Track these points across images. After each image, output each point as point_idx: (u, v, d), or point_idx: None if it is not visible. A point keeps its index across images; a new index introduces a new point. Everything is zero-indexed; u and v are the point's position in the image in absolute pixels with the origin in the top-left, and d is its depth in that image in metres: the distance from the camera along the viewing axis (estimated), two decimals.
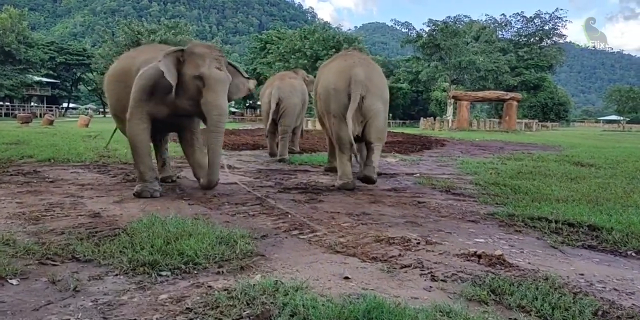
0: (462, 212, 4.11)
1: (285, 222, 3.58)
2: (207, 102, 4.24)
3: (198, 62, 4.22)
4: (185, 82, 4.25)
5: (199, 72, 4.19)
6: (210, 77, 4.20)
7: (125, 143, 9.22)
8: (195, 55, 4.26)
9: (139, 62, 4.56)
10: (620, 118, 66.41)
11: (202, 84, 4.21)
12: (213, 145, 4.34)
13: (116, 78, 4.81)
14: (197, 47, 4.44)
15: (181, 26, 36.62)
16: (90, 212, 3.76)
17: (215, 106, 4.25)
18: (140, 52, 5.01)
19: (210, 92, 4.22)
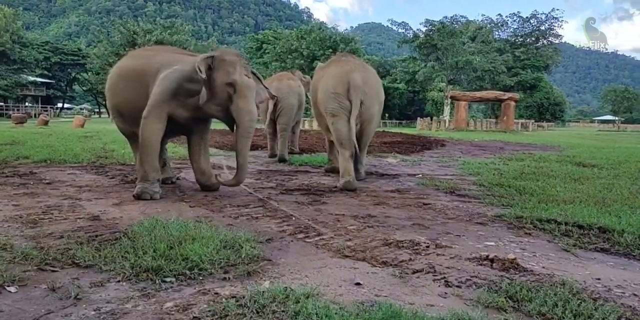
0: (469, 214, 4.04)
1: (290, 225, 3.50)
2: (238, 108, 4.32)
3: (229, 70, 4.28)
4: (215, 88, 4.30)
5: (231, 79, 4.26)
6: (242, 84, 4.30)
7: (122, 143, 9.13)
8: (227, 63, 4.32)
9: (158, 63, 4.51)
10: (615, 118, 66.77)
11: (233, 91, 4.29)
12: (242, 149, 4.44)
13: (128, 77, 4.65)
14: (227, 54, 4.46)
15: (177, 26, 36.41)
16: (89, 215, 3.66)
17: (247, 112, 4.35)
18: (156, 52, 4.87)
19: (242, 98, 4.31)
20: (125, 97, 4.71)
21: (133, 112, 4.64)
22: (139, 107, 4.50)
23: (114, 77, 4.82)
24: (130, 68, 4.70)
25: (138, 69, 4.62)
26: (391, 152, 8.97)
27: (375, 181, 5.80)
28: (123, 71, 4.74)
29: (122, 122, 4.92)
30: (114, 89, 4.80)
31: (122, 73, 4.75)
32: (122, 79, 4.73)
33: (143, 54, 4.90)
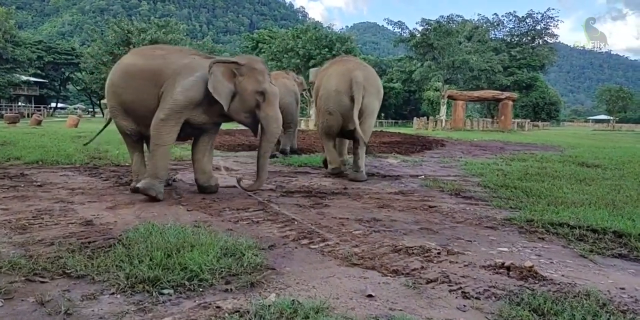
0: (477, 217, 3.90)
1: (293, 230, 3.34)
2: (267, 116, 4.43)
3: (259, 78, 4.36)
4: (244, 96, 4.35)
5: (262, 88, 4.35)
6: (272, 92, 4.44)
7: (116, 144, 8.93)
8: (257, 71, 4.39)
9: (177, 66, 4.37)
10: (610, 118, 67.05)
11: (262, 99, 4.38)
12: (266, 152, 4.60)
13: (140, 76, 4.43)
14: (256, 62, 4.53)
15: (172, 25, 36.10)
16: (81, 220, 3.49)
17: (275, 119, 4.49)
18: (168, 52, 4.64)
19: (271, 106, 4.44)
20: (136, 96, 4.49)
21: (142, 111, 4.49)
22: (149, 106, 4.39)
23: (120, 74, 4.57)
24: (143, 67, 4.46)
25: (153, 69, 4.41)
26: (391, 152, 8.83)
27: (378, 183, 5.65)
28: (133, 69, 4.50)
29: (125, 120, 4.67)
30: (121, 87, 4.55)
31: (131, 71, 4.50)
32: (131, 77, 4.48)
33: (155, 53, 4.63)
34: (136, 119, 4.64)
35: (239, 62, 4.40)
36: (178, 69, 4.36)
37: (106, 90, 4.75)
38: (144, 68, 4.45)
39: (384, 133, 14.25)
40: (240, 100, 4.38)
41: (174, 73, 4.35)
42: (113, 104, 4.70)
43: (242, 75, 4.36)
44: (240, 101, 4.39)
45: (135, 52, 4.85)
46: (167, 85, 4.33)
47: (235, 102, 4.39)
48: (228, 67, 4.34)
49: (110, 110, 4.82)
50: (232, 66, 4.36)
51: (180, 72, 4.33)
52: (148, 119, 4.50)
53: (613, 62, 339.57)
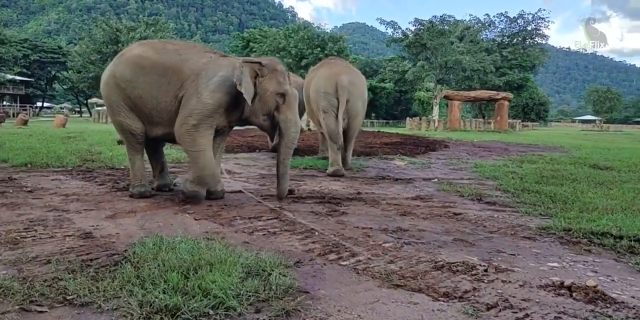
0: (509, 226, 3.62)
1: (316, 242, 3.03)
2: (287, 119, 4.19)
3: (280, 80, 4.13)
4: (264, 98, 4.11)
5: (283, 89, 4.11)
6: (292, 95, 4.20)
7: (109, 145, 8.54)
8: (278, 73, 4.16)
9: (197, 66, 4.08)
10: (596, 118, 67.80)
11: (282, 101, 4.14)
12: (285, 159, 4.32)
13: (154, 71, 4.10)
14: (277, 63, 4.27)
15: (161, 23, 35.54)
16: (79, 232, 3.15)
17: (295, 123, 4.24)
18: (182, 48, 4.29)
19: (291, 109, 4.20)
20: (146, 92, 4.14)
21: (151, 108, 4.18)
22: (160, 104, 4.13)
23: (128, 66, 4.17)
24: (157, 60, 4.13)
25: (168, 65, 4.10)
26: (396, 153, 8.55)
27: (391, 187, 5.36)
28: (145, 62, 4.14)
29: (129, 118, 4.30)
30: (127, 80, 4.16)
31: (142, 64, 4.14)
32: (142, 70, 4.13)
33: (166, 47, 4.28)
34: (142, 117, 4.30)
35: (262, 63, 4.17)
36: (197, 69, 4.07)
37: (106, 83, 4.33)
38: (158, 62, 4.12)
39: (382, 134, 13.98)
40: (260, 102, 4.13)
41: (192, 73, 4.06)
42: (115, 99, 4.28)
43: (264, 75, 4.14)
44: (260, 102, 4.13)
45: (144, 44, 4.47)
46: (188, 87, 4.05)
47: (255, 104, 4.13)
48: (252, 68, 4.12)
49: (109, 107, 4.39)
50: (255, 66, 4.14)
51: (200, 73, 4.05)
52: (156, 117, 4.24)
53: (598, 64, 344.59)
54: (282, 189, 4.40)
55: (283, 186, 4.39)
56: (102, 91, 4.48)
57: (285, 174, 4.36)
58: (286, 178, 4.39)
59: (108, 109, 4.48)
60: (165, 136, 4.41)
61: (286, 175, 4.38)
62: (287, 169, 4.38)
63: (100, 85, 4.50)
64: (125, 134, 4.46)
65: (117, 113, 4.34)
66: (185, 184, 4.17)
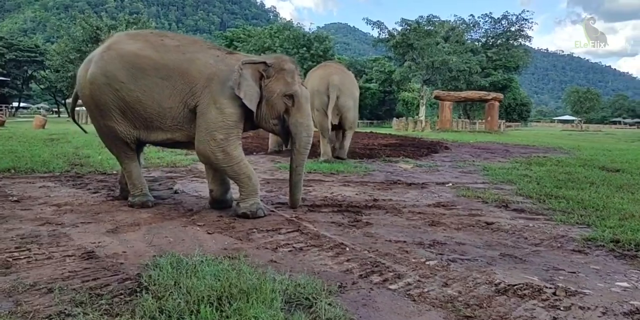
0: (550, 237, 3.35)
1: (351, 260, 2.70)
2: (297, 122, 3.82)
3: (288, 80, 3.77)
4: (270, 100, 3.76)
5: (291, 90, 3.75)
6: (302, 96, 3.84)
7: (97, 148, 8.05)
8: (286, 72, 3.78)
9: (202, 65, 3.70)
10: (574, 118, 68.99)
11: (291, 103, 3.78)
12: (298, 166, 3.95)
13: (155, 72, 3.67)
14: (285, 62, 3.85)
15: (143, 21, 34.70)
16: (80, 250, 2.76)
17: (306, 127, 3.87)
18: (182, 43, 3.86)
19: (301, 111, 3.83)
20: (145, 95, 3.70)
21: (149, 113, 3.76)
22: (165, 109, 3.72)
23: (123, 66, 3.68)
24: (159, 63, 3.68)
25: (172, 67, 3.68)
26: (398, 155, 8.26)
27: (406, 192, 5.05)
28: (144, 62, 3.68)
29: (121, 124, 3.84)
30: (121, 81, 3.69)
31: (141, 65, 3.68)
32: (142, 72, 3.68)
33: (165, 42, 3.80)
34: (137, 123, 3.86)
35: (266, 62, 3.78)
36: (207, 72, 3.68)
37: (91, 82, 3.76)
38: (160, 63, 3.68)
39: (376, 134, 13.71)
40: (268, 105, 3.77)
41: (202, 77, 3.67)
42: (104, 101, 3.76)
43: (270, 76, 3.76)
44: (268, 106, 3.78)
45: (137, 38, 3.89)
46: (200, 95, 3.66)
47: (262, 108, 3.79)
48: (256, 68, 3.74)
49: (95, 109, 3.85)
50: (259, 67, 3.76)
51: (212, 77, 3.67)
52: (157, 122, 3.81)
53: (575, 65, 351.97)
54: (296, 199, 4.05)
55: (296, 196, 4.04)
56: (82, 90, 3.91)
57: (298, 182, 3.99)
58: (299, 187, 4.03)
59: (93, 112, 3.90)
60: (165, 141, 4.01)
61: (300, 184, 4.02)
62: (301, 178, 4.01)
63: (81, 83, 3.93)
64: (115, 141, 3.97)
65: (107, 117, 3.83)
66: (240, 207, 3.72)
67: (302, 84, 3.94)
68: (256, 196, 3.79)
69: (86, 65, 3.92)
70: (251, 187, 3.76)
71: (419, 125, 24.72)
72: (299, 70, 3.95)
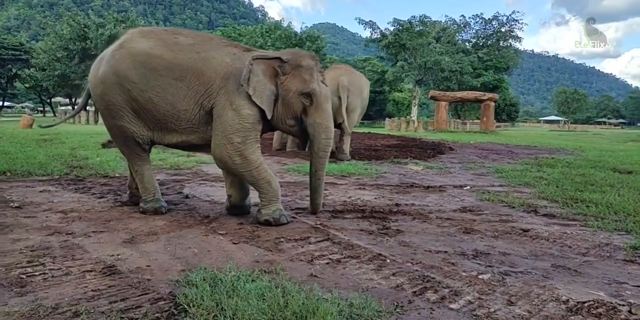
0: (594, 245, 3.18)
1: (397, 275, 2.49)
2: (315, 123, 3.57)
3: (305, 77, 3.51)
4: (286, 99, 3.52)
5: (309, 88, 3.49)
6: (321, 94, 3.56)
7: (94, 149, 7.74)
8: (303, 69, 3.52)
9: (217, 64, 3.47)
10: (560, 118, 69.83)
11: (309, 102, 3.53)
12: (318, 170, 3.70)
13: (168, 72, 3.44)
14: (303, 58, 3.59)
15: (132, 19, 34.06)
16: (99, 264, 2.51)
17: (325, 129, 3.59)
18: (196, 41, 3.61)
19: (320, 111, 3.57)
20: (158, 95, 3.47)
21: (162, 114, 3.53)
22: (179, 111, 3.49)
23: (135, 65, 3.46)
24: (172, 62, 3.45)
25: (186, 67, 3.44)
26: (405, 157, 8.08)
27: (426, 196, 4.86)
28: (157, 62, 3.45)
29: (134, 124, 3.62)
30: (133, 81, 3.47)
31: (154, 64, 3.45)
32: (154, 72, 3.45)
33: (178, 41, 3.56)
34: (150, 123, 3.63)
35: (282, 58, 3.52)
36: (223, 71, 3.45)
37: (102, 82, 3.56)
38: (173, 63, 3.44)
39: (376, 135, 13.53)
40: (284, 105, 3.54)
41: (218, 77, 3.44)
42: (116, 100, 3.56)
43: (286, 73, 3.52)
44: (284, 106, 3.54)
45: (149, 36, 3.63)
46: (216, 96, 3.44)
47: (278, 108, 3.55)
48: (270, 65, 3.49)
49: (106, 110, 3.65)
50: (274, 63, 3.51)
51: (228, 76, 3.44)
52: (171, 124, 3.59)
53: (560, 66, 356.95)
54: (317, 204, 3.84)
55: (317, 201, 3.82)
56: (94, 90, 3.71)
57: (318, 187, 3.76)
58: (320, 192, 3.79)
59: (104, 112, 3.70)
60: (180, 144, 3.77)
61: (320, 189, 3.78)
62: (322, 182, 3.77)
63: (92, 82, 3.72)
64: (127, 142, 3.74)
65: (119, 117, 3.62)
66: (262, 214, 3.50)
67: (323, 81, 3.66)
68: (278, 202, 3.57)
69: (97, 64, 3.71)
70: (272, 192, 3.54)
71: (411, 125, 24.64)
72: (319, 66, 3.67)
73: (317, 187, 3.75)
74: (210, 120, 3.55)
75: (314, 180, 3.73)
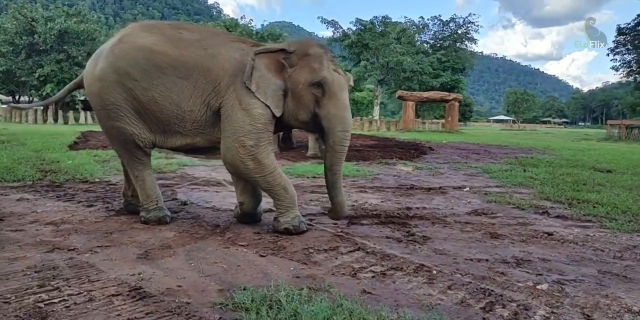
0: (623, 248, 3.15)
1: (453, 288, 2.33)
2: (330, 114, 3.17)
3: (314, 66, 3.17)
4: (295, 92, 3.20)
5: (319, 77, 3.14)
6: (334, 82, 3.17)
7: (59, 150, 7.19)
8: (311, 58, 3.21)
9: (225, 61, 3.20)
10: (509, 118, 72.78)
11: (321, 93, 3.17)
12: (336, 165, 3.27)
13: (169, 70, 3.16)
14: (310, 46, 3.28)
15: (83, 14, 32.47)
16: (123, 286, 2.21)
17: (341, 119, 3.18)
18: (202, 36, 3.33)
19: (334, 101, 3.18)
20: (165, 96, 3.18)
21: (167, 115, 3.24)
22: (184, 112, 3.22)
23: (138, 62, 3.17)
24: (177, 60, 3.16)
25: (192, 64, 3.16)
26: (391, 157, 8.00)
27: (431, 198, 4.76)
28: (161, 59, 3.16)
29: (135, 126, 3.31)
30: (135, 79, 3.17)
31: (158, 62, 3.15)
32: (159, 70, 3.15)
33: (183, 37, 3.28)
34: (152, 125, 3.33)
35: (287, 50, 3.25)
36: (231, 68, 3.18)
37: (100, 79, 3.24)
38: (178, 60, 3.16)
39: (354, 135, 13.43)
40: (294, 99, 3.22)
41: (226, 74, 3.17)
42: (115, 99, 3.23)
43: (293, 65, 3.21)
44: (294, 100, 3.22)
45: (151, 30, 3.33)
46: (224, 94, 3.17)
47: (288, 103, 3.24)
48: (274, 58, 3.21)
49: (103, 110, 3.31)
50: (278, 56, 3.23)
51: (236, 73, 3.16)
52: (175, 125, 3.30)
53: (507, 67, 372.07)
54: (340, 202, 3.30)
55: (339, 199, 3.30)
56: (89, 88, 3.38)
57: (335, 182, 3.28)
58: (339, 187, 3.29)
59: (101, 113, 3.35)
60: (184, 147, 3.47)
61: (338, 185, 3.29)
62: (339, 178, 3.30)
63: (88, 80, 3.40)
64: (126, 145, 3.41)
65: (118, 118, 3.29)
66: (280, 222, 3.25)
67: (336, 70, 3.24)
68: (295, 208, 3.33)
69: (94, 60, 3.37)
70: (289, 199, 3.30)
71: (374, 124, 24.83)
72: (330, 54, 3.34)
73: (334, 183, 3.29)
74: (217, 121, 3.29)
75: (330, 176, 3.29)
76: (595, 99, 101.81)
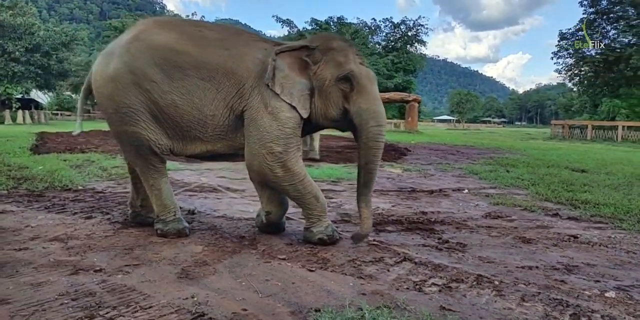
0: None
1: (527, 300, 2.26)
2: (361, 109, 2.97)
3: (339, 60, 3.00)
4: (322, 90, 3.02)
5: (346, 70, 2.95)
6: (362, 75, 2.99)
7: (24, 155, 6.61)
8: (335, 52, 3.03)
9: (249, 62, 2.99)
10: (452, 118, 75.60)
11: (349, 88, 2.98)
12: (371, 163, 3.02)
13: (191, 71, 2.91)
14: (332, 40, 3.12)
15: (21, 6, 30.38)
16: (183, 313, 1.98)
17: (373, 114, 2.98)
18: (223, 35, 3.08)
19: (364, 95, 2.98)
20: (186, 99, 2.94)
21: (188, 120, 3.00)
22: (206, 117, 2.99)
23: (156, 62, 2.91)
24: (200, 60, 2.92)
25: (215, 66, 2.92)
26: None
27: (438, 201, 4.73)
28: (182, 60, 2.91)
29: (151, 131, 3.03)
30: (153, 81, 2.89)
31: (179, 62, 2.90)
32: (181, 72, 2.91)
33: (205, 35, 3.03)
34: (171, 131, 3.06)
35: (309, 46, 3.07)
36: (255, 69, 2.98)
37: (113, 80, 2.95)
38: (200, 60, 2.92)
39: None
40: (321, 97, 3.03)
41: (251, 76, 2.97)
42: (130, 102, 2.95)
43: (317, 62, 3.03)
44: (321, 98, 3.03)
45: (170, 27, 3.06)
46: (249, 97, 2.96)
47: (315, 102, 3.05)
48: (296, 56, 3.03)
49: (115, 113, 3.01)
50: (301, 53, 3.05)
51: (261, 75, 2.96)
52: (196, 131, 3.06)
53: (449, 69, 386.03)
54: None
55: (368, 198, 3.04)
56: (100, 89, 3.06)
57: (369, 182, 3.06)
58: (371, 188, 3.08)
59: (112, 116, 3.05)
60: (203, 154, 3.21)
61: (371, 185, 3.07)
62: (374, 177, 3.08)
63: (97, 81, 3.07)
64: (141, 151, 3.11)
65: (132, 122, 3.00)
66: (314, 232, 3.07)
67: (362, 63, 3.08)
68: (326, 217, 3.16)
69: (105, 59, 3.05)
70: (320, 207, 3.12)
71: None
72: (354, 48, 3.18)
73: (367, 182, 3.06)
74: (240, 126, 3.07)
75: (364, 174, 3.04)
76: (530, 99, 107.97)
